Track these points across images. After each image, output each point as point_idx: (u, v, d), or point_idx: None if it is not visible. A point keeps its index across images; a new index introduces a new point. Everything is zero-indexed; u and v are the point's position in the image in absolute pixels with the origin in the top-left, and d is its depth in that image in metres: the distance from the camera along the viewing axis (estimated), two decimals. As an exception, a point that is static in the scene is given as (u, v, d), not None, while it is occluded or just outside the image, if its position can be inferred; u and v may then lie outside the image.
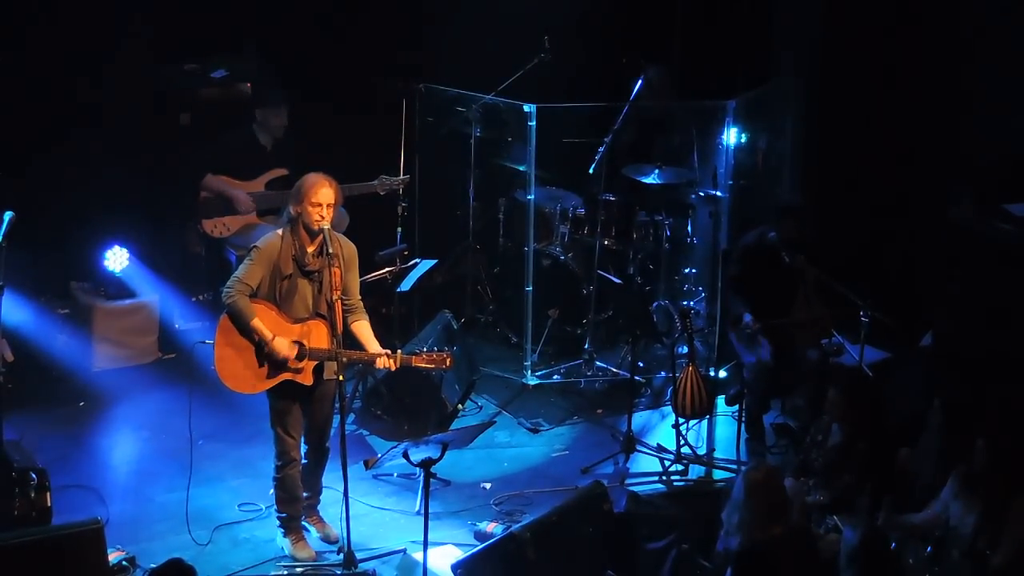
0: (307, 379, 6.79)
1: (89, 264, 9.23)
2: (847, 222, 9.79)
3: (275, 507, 7.10)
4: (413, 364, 6.87)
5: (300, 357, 6.74)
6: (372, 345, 6.88)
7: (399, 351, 6.83)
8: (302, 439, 7.01)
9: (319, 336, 6.76)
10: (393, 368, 6.85)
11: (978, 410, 7.11)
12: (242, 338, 6.73)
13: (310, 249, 6.78)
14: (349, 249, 6.91)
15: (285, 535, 7.07)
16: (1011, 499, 6.03)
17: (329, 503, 7.24)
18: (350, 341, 6.88)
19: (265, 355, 6.72)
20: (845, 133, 9.86)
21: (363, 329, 6.93)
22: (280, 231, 6.84)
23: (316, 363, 6.78)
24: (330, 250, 6.66)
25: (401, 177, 8.90)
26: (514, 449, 8.46)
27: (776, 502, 6.07)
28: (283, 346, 6.69)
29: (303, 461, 7.05)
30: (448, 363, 6.90)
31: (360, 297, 7.00)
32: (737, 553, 5.93)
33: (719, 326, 8.65)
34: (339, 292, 6.66)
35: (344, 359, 6.74)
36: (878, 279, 8.98)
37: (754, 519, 5.94)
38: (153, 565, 6.47)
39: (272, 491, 7.10)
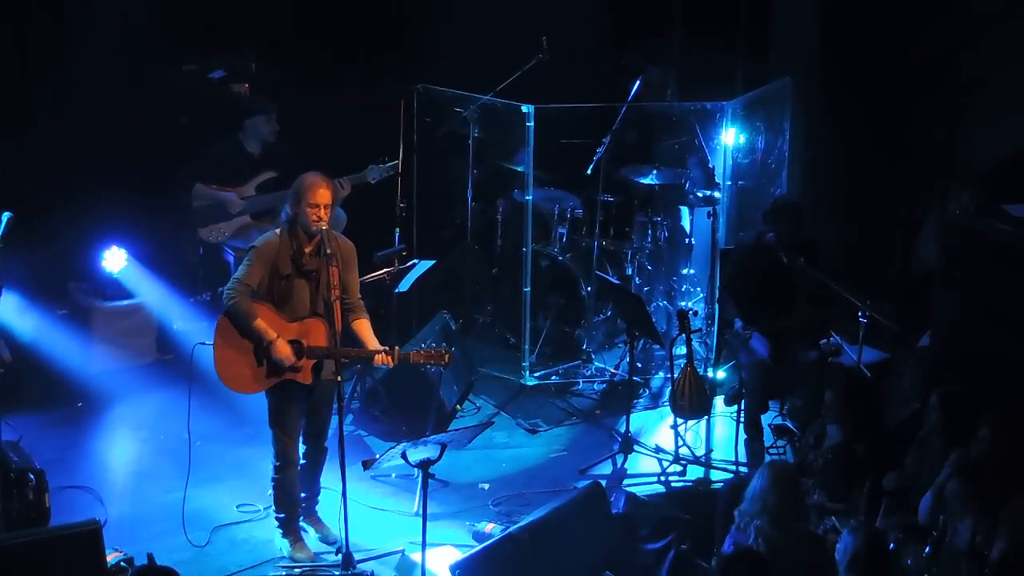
0: (306, 378, 6.78)
1: (87, 265, 9.22)
2: (845, 222, 9.78)
3: (273, 508, 7.10)
4: (411, 360, 6.85)
5: (298, 355, 6.74)
6: (372, 343, 6.86)
7: (396, 348, 6.82)
8: (300, 440, 7.01)
9: (317, 335, 6.75)
10: (391, 364, 6.85)
11: (977, 410, 7.10)
12: (241, 339, 6.72)
13: (307, 249, 6.78)
14: (347, 248, 6.90)
15: (283, 536, 7.07)
16: (1008, 497, 6.02)
17: (327, 504, 7.23)
18: (350, 340, 6.88)
19: (264, 355, 6.72)
20: (843, 133, 9.87)
21: (363, 327, 6.91)
22: (278, 231, 6.83)
23: (314, 362, 6.78)
24: (328, 250, 6.66)
25: (390, 164, 8.89)
26: (512, 450, 8.45)
27: (799, 496, 6.08)
28: (284, 347, 6.69)
29: (301, 462, 7.04)
30: (446, 359, 6.89)
31: (360, 296, 7.00)
32: (726, 558, 5.91)
33: (717, 326, 8.65)
34: (337, 291, 6.65)
35: (343, 358, 6.75)
36: (876, 279, 8.98)
37: (778, 510, 5.91)
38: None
39: (270, 492, 7.09)
